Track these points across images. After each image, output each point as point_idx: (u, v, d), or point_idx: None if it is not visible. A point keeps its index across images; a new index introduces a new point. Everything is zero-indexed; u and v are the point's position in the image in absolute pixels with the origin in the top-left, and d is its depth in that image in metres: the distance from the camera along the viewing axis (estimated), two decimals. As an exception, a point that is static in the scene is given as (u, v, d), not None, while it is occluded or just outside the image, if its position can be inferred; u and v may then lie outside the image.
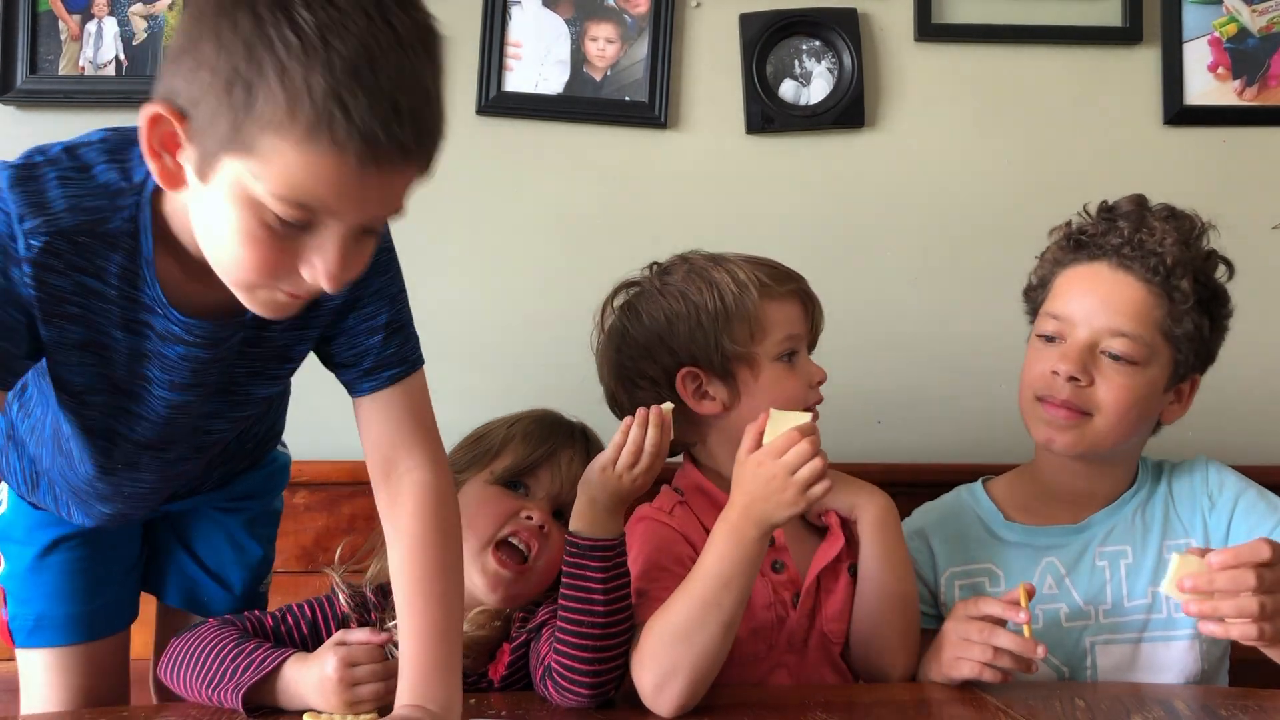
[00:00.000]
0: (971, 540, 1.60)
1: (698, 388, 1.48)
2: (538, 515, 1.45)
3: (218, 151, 0.98)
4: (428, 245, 2.02)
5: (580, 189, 2.04)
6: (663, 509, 1.48)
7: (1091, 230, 1.54)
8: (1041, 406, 1.51)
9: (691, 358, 1.47)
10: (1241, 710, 1.32)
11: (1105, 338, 1.48)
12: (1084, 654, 1.51)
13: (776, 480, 1.29)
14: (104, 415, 1.23)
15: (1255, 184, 2.08)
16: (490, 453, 1.50)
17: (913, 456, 1.97)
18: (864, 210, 2.05)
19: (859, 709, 1.35)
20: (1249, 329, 2.05)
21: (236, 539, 1.54)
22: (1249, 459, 1.63)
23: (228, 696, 1.28)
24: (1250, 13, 2.08)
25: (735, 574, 1.29)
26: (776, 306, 1.48)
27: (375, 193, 1.00)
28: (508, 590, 1.43)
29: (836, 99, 2.04)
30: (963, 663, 1.38)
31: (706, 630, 1.29)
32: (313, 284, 1.04)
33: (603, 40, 2.04)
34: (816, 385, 1.49)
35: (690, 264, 1.52)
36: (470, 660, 1.41)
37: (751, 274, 1.47)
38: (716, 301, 1.46)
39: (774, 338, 1.47)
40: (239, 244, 1.01)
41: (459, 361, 2.00)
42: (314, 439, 1.96)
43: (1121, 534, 1.55)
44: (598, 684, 1.30)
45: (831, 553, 1.49)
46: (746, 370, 1.46)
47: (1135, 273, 1.49)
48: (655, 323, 1.50)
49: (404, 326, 1.27)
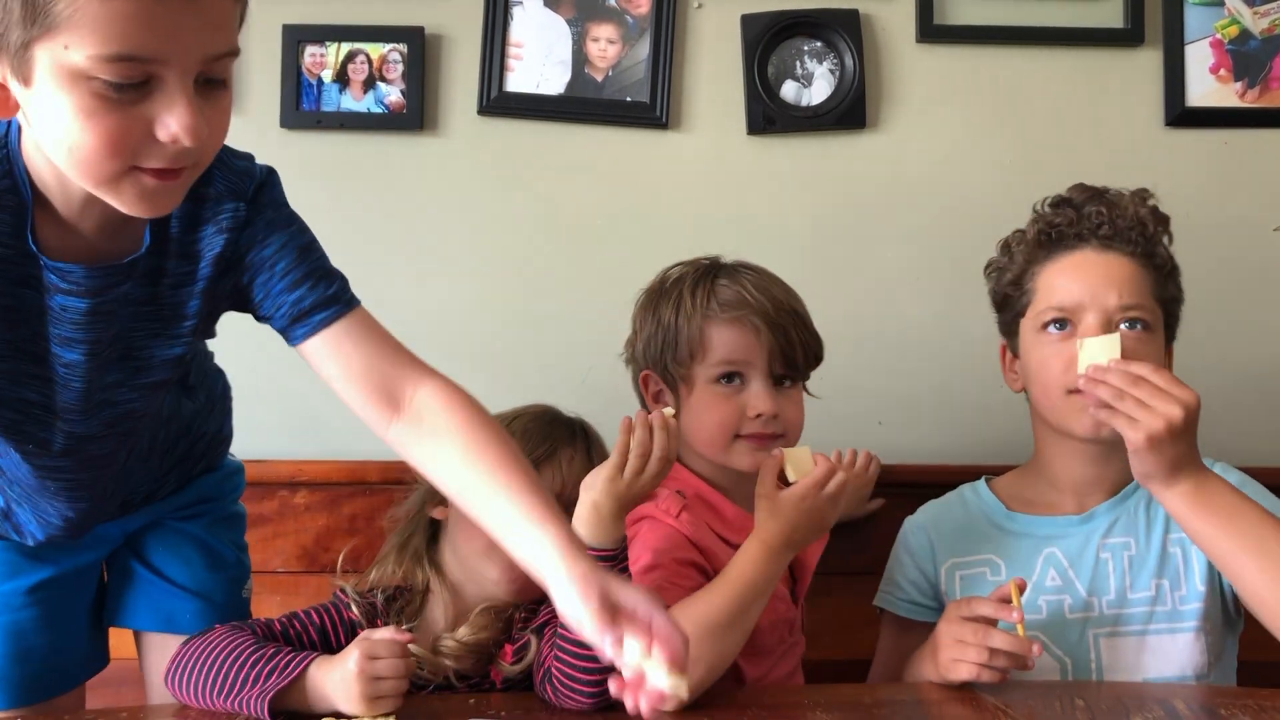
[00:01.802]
0: (973, 532, 1.61)
1: (656, 392, 1.57)
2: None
3: (26, 45, 0.96)
4: (428, 245, 2.03)
5: (581, 189, 2.04)
6: (669, 511, 1.49)
7: (1061, 221, 1.57)
8: (1078, 397, 1.50)
9: (649, 363, 1.56)
10: (1242, 710, 1.32)
11: (1119, 314, 1.52)
12: (1088, 647, 1.51)
13: (819, 512, 1.42)
14: (11, 383, 1.20)
15: (1256, 186, 2.08)
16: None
17: (913, 457, 1.97)
18: (865, 210, 2.05)
19: (860, 709, 1.34)
20: (1250, 329, 2.06)
21: (206, 544, 1.50)
22: (1249, 459, 1.62)
23: (253, 704, 1.25)
24: (1252, 14, 2.08)
25: (766, 587, 1.39)
26: (719, 331, 1.51)
27: (190, 21, 0.98)
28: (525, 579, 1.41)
29: (838, 100, 2.04)
30: (959, 665, 1.38)
31: (735, 632, 1.36)
32: (173, 146, 1.01)
33: (604, 41, 2.04)
34: (755, 417, 1.49)
35: (688, 274, 1.57)
36: (471, 663, 1.41)
37: (707, 295, 1.52)
38: (670, 317, 1.53)
39: (710, 360, 1.51)
40: (80, 127, 0.99)
41: (458, 361, 1.98)
42: (314, 439, 1.97)
43: (1125, 526, 1.55)
44: (601, 691, 1.30)
45: (821, 548, 1.57)
46: (685, 387, 1.53)
47: (1120, 249, 1.55)
48: (640, 318, 1.59)
49: (323, 270, 1.25)
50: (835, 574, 1.62)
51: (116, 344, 1.21)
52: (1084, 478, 1.58)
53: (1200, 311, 2.00)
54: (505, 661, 1.41)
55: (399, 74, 2.01)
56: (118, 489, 1.39)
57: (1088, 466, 1.57)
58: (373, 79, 2.01)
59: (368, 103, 2.01)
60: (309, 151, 2.01)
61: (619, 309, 2.01)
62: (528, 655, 1.40)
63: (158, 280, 1.18)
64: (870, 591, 1.69)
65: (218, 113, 1.06)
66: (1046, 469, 1.61)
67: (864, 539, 1.83)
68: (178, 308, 1.22)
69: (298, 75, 2.00)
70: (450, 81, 2.03)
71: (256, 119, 2.00)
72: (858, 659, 1.68)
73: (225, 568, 1.52)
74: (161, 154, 1.02)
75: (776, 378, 1.51)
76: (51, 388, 1.21)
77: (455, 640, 1.41)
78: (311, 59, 2.01)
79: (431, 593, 1.46)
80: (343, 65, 2.01)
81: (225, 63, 1.04)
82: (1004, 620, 1.37)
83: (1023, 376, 1.60)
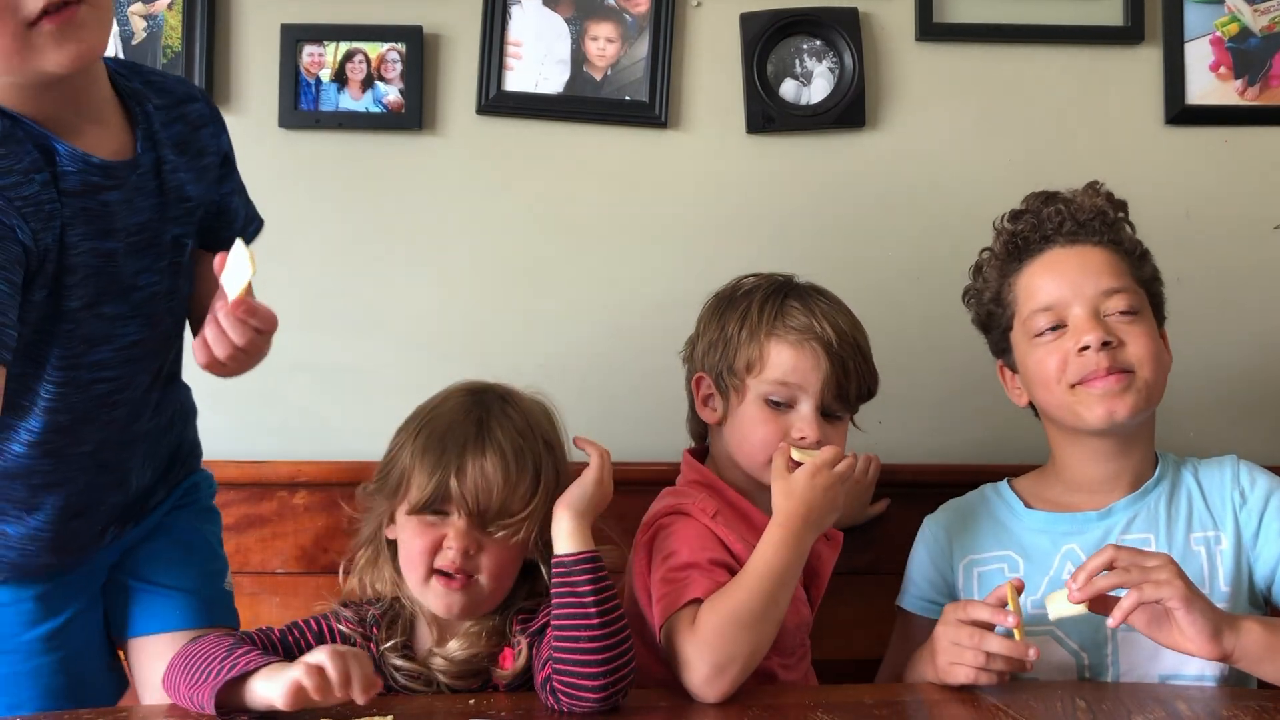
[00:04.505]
0: (991, 529, 1.62)
1: (706, 396, 1.57)
2: (457, 543, 1.37)
3: None
4: (426, 244, 2.02)
5: (580, 189, 2.04)
6: (705, 511, 1.51)
7: (1023, 229, 1.60)
8: (1084, 389, 1.53)
9: (706, 367, 1.57)
10: (1244, 711, 1.32)
11: (1103, 301, 1.54)
12: (1104, 640, 1.50)
13: (833, 489, 1.44)
14: (95, 321, 1.34)
15: (1257, 184, 2.08)
16: (400, 486, 1.42)
17: (913, 457, 1.97)
18: (864, 210, 2.05)
19: (861, 709, 1.34)
20: (1250, 329, 2.06)
21: (187, 541, 1.56)
22: (1249, 459, 1.62)
23: (204, 696, 1.27)
24: (1252, 12, 2.08)
25: (792, 572, 1.41)
26: (780, 350, 1.52)
27: None
28: (464, 603, 1.39)
29: (837, 99, 2.04)
30: (957, 669, 1.38)
31: (768, 622, 1.38)
32: None
33: (603, 40, 2.04)
34: (800, 439, 1.51)
35: (760, 286, 1.59)
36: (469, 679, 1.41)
37: (776, 312, 1.54)
38: (735, 326, 1.55)
39: (767, 377, 1.52)
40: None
41: (456, 360, 2.00)
42: (314, 439, 1.97)
43: (1145, 523, 1.56)
44: (607, 694, 1.30)
45: (835, 555, 1.58)
46: (736, 397, 1.54)
47: (1086, 240, 1.58)
48: (705, 322, 1.61)
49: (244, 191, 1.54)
50: (837, 574, 1.62)
51: (142, 232, 1.36)
52: (1101, 475, 1.58)
53: (1200, 310, 2.01)
54: (504, 669, 1.41)
55: (397, 73, 2.00)
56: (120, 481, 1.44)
57: (1104, 464, 1.58)
58: (371, 78, 2.00)
59: (366, 102, 2.01)
60: (307, 151, 2.01)
61: (618, 308, 2.02)
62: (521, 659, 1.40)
63: (160, 170, 1.38)
64: (872, 592, 1.69)
65: None
66: (1064, 471, 1.61)
67: (866, 539, 1.83)
68: (180, 190, 1.41)
69: (296, 75, 2.00)
70: (449, 81, 2.03)
71: (255, 119, 1.99)
72: (858, 659, 1.68)
73: (206, 560, 1.58)
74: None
75: (826, 408, 1.53)
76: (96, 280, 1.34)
77: (445, 658, 1.41)
78: (310, 58, 2.00)
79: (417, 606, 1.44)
80: (341, 65, 2.00)
81: None
82: (1000, 625, 1.37)
83: (1025, 386, 1.61)
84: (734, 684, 1.36)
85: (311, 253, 2.00)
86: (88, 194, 1.30)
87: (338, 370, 1.99)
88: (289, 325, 1.97)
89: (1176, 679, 1.48)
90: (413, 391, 1.97)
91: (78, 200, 1.29)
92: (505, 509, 1.38)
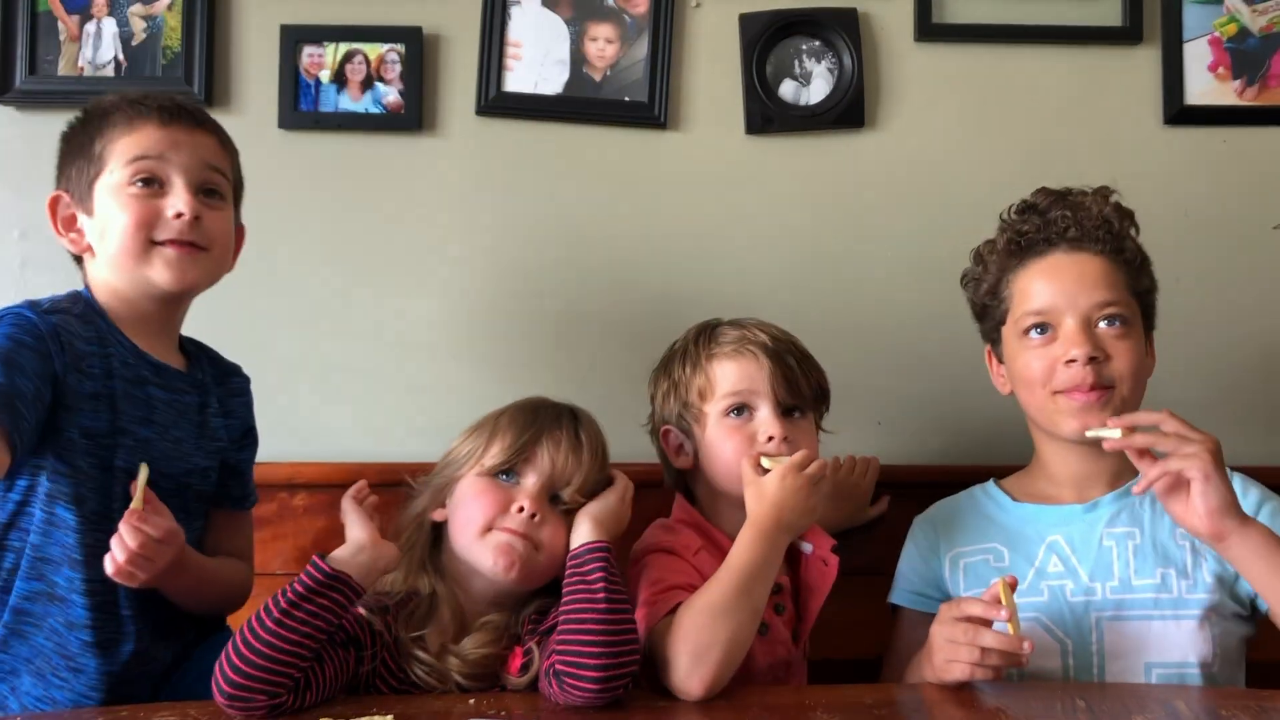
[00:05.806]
0: (977, 523, 1.65)
1: (676, 445, 1.63)
2: (528, 505, 1.46)
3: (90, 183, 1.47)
4: (426, 245, 2.02)
5: (580, 189, 2.04)
6: (689, 548, 1.54)
7: (1029, 228, 1.61)
8: (1065, 399, 1.56)
9: (666, 418, 1.63)
10: (1243, 710, 1.32)
11: (1095, 312, 1.56)
12: (1090, 629, 1.52)
13: (803, 490, 1.47)
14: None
15: (1255, 184, 2.08)
16: (481, 446, 1.52)
17: (912, 457, 1.97)
18: (864, 210, 2.05)
19: (861, 709, 1.35)
20: (1248, 328, 2.06)
21: None
22: (1249, 459, 1.63)
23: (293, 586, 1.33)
24: (1250, 12, 2.08)
25: (764, 569, 1.44)
26: (723, 366, 1.58)
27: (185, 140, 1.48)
28: (522, 562, 1.44)
29: (836, 99, 2.04)
30: (953, 665, 1.39)
31: (741, 613, 1.40)
32: (178, 221, 1.45)
33: (602, 40, 2.04)
34: (767, 441, 1.54)
35: (690, 331, 1.64)
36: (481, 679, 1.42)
37: (709, 340, 1.60)
38: (679, 370, 1.61)
39: (719, 394, 1.57)
40: (122, 213, 1.45)
41: (457, 360, 2.00)
42: (314, 440, 1.97)
43: (1130, 517, 1.58)
44: (606, 681, 1.31)
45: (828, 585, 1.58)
46: (699, 429, 1.59)
47: (1089, 249, 1.59)
48: (654, 384, 1.67)
49: None
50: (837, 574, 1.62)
51: (178, 446, 1.50)
52: (1082, 472, 1.62)
53: (1199, 309, 2.02)
54: (512, 674, 1.42)
55: (397, 74, 2.00)
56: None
57: (1084, 462, 1.61)
58: (370, 79, 2.00)
59: (366, 103, 2.01)
60: (307, 152, 2.01)
61: (618, 308, 2.02)
62: (532, 668, 1.41)
63: (204, 406, 1.56)
64: (871, 592, 1.69)
65: (216, 215, 1.50)
66: (1046, 467, 1.65)
67: (866, 539, 1.83)
68: (214, 432, 1.57)
69: (295, 75, 2.00)
70: (448, 81, 2.03)
71: (254, 119, 1.99)
72: (858, 659, 1.68)
73: None
74: (171, 229, 1.45)
75: (785, 408, 1.56)
76: None
77: (459, 658, 1.42)
78: (309, 59, 2.00)
79: (438, 597, 1.47)
80: (340, 65, 2.00)
81: (217, 178, 1.50)
82: (996, 621, 1.38)
83: (1010, 380, 1.64)
84: (715, 675, 1.36)
85: (310, 253, 2.00)
86: (136, 384, 1.46)
87: (337, 371, 1.99)
88: (289, 326, 1.99)
89: (1160, 667, 1.50)
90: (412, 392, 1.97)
91: (125, 385, 1.44)
92: (577, 488, 1.48)
